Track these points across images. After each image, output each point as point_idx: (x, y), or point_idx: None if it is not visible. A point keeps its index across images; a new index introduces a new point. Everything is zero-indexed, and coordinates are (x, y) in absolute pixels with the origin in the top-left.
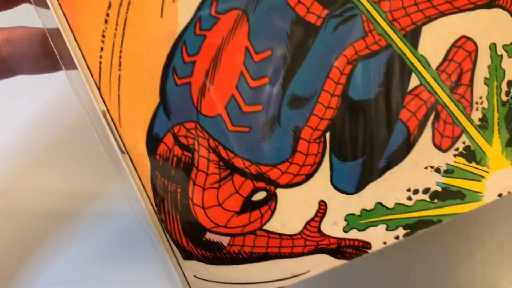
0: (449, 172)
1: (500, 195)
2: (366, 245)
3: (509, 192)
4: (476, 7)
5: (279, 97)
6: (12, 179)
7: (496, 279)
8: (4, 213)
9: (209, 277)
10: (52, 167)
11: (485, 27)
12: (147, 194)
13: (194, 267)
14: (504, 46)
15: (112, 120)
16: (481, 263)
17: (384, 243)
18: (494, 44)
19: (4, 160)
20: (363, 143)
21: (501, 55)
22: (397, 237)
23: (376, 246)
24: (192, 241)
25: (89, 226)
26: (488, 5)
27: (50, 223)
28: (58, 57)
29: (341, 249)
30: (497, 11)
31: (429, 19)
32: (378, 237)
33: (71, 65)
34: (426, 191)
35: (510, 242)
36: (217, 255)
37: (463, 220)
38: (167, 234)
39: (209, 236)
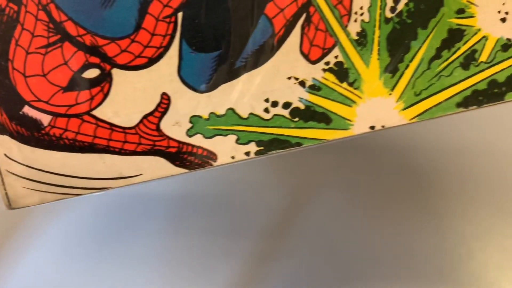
0: (315, 88)
1: (372, 127)
2: (211, 155)
3: (383, 126)
4: None
5: None
6: None
7: (497, 279)
8: None
9: (22, 160)
10: None
11: None
12: None
13: (5, 144)
14: None
15: None
16: (482, 264)
17: (233, 157)
18: None
19: None
20: (221, 34)
21: None
22: (247, 153)
23: (223, 159)
24: (7, 112)
25: None
26: None
27: None
28: None
29: (181, 155)
30: None
31: None
32: (226, 149)
33: None
34: (286, 105)
35: (511, 242)
36: (34, 135)
37: (463, 220)
38: None
39: (27, 110)
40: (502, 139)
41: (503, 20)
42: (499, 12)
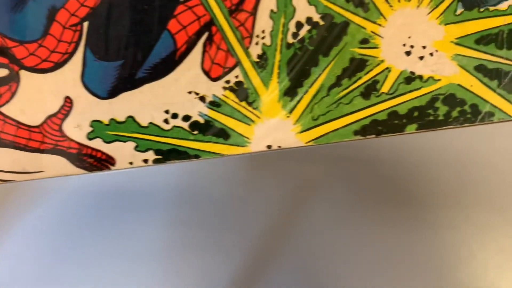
0: (215, 104)
1: (269, 146)
2: (110, 160)
3: (279, 147)
4: None
5: None
6: None
7: (497, 279)
8: None
9: None
10: None
11: None
12: None
13: None
14: None
15: None
16: (481, 264)
17: (131, 163)
18: None
19: None
20: (125, 45)
21: None
22: (146, 161)
23: (121, 164)
24: None
25: None
26: None
27: None
28: None
29: (80, 157)
30: None
31: None
32: (124, 154)
33: None
34: (186, 118)
35: (510, 243)
36: None
37: (463, 220)
38: None
39: None
40: (502, 139)
41: (408, 53)
42: (404, 45)
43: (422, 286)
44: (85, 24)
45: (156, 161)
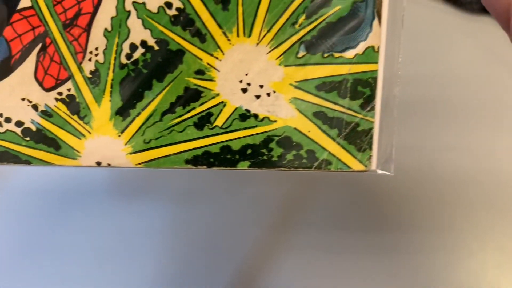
0: (47, 114)
1: (99, 163)
2: None
3: (109, 164)
4: None
5: None
6: None
7: (496, 279)
8: None
9: None
10: None
11: None
12: None
13: None
14: (134, 3)
15: None
16: (481, 263)
17: None
18: None
19: None
20: None
21: (129, 12)
22: None
23: None
24: None
25: None
26: None
27: None
28: None
29: None
30: None
31: None
32: None
33: None
34: (19, 124)
35: (510, 242)
36: None
37: (463, 220)
38: None
39: None
40: (501, 141)
41: (244, 90)
42: (240, 81)
43: (422, 285)
44: None
45: None
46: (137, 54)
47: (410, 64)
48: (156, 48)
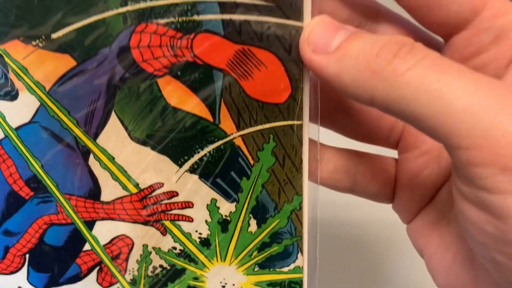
0: None
1: None
2: None
3: None
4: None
5: None
6: None
7: None
8: None
9: None
10: None
11: (141, 233)
12: None
13: None
14: (154, 248)
15: None
16: None
17: None
18: (146, 245)
19: None
20: (58, 269)
21: (151, 252)
22: None
23: None
24: None
25: None
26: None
27: None
28: None
29: None
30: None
31: (102, 218)
32: None
33: None
34: None
35: None
36: None
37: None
38: None
39: None
40: None
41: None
42: (220, 282)
43: (422, 285)
44: (27, 256)
45: None
46: (157, 270)
47: None
48: (168, 267)
